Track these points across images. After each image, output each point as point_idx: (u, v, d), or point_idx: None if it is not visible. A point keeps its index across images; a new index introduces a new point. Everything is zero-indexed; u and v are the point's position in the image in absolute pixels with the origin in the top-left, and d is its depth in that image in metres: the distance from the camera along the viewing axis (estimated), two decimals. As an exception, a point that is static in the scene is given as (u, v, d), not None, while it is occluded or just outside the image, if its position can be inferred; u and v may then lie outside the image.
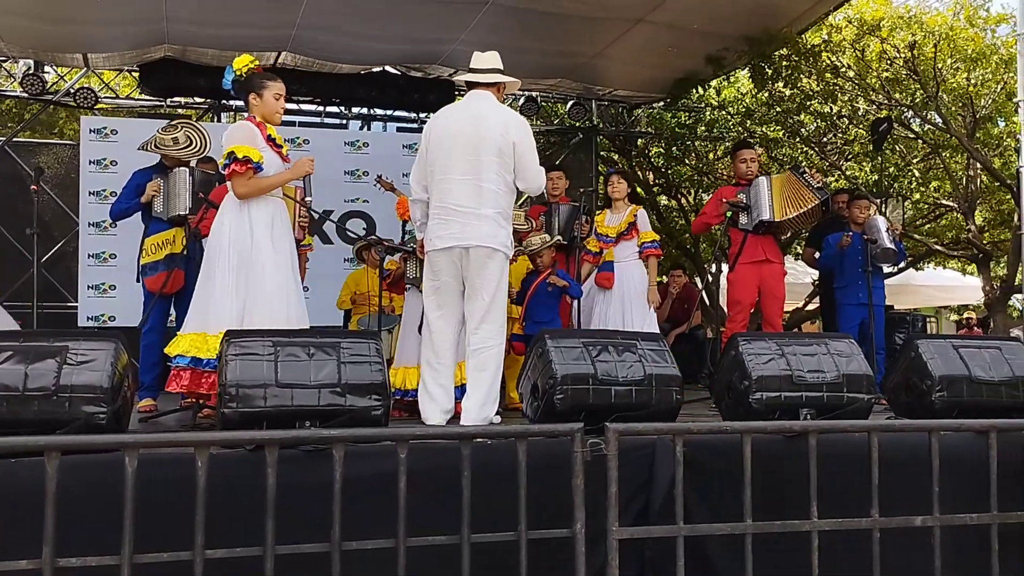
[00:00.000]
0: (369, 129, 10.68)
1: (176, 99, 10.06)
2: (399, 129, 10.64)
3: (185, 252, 5.10)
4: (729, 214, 6.01)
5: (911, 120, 10.46)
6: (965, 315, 17.03)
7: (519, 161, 4.28)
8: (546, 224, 6.22)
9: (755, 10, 8.00)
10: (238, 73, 4.29)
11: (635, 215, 6.12)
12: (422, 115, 10.46)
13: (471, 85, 4.44)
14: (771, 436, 3.59)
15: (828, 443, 3.52)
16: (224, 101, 10.01)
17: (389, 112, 10.57)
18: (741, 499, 3.16)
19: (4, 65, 9.16)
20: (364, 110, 10.47)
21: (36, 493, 2.54)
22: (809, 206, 5.88)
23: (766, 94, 9.71)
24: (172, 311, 5.33)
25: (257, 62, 4.39)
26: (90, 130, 8.92)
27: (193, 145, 5.42)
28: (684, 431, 3.22)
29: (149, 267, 5.16)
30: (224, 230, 4.18)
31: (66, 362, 3.03)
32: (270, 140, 4.27)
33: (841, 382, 3.78)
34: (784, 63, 8.98)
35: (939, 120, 9.85)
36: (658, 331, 5.66)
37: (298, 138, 9.40)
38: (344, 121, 10.48)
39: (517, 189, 4.42)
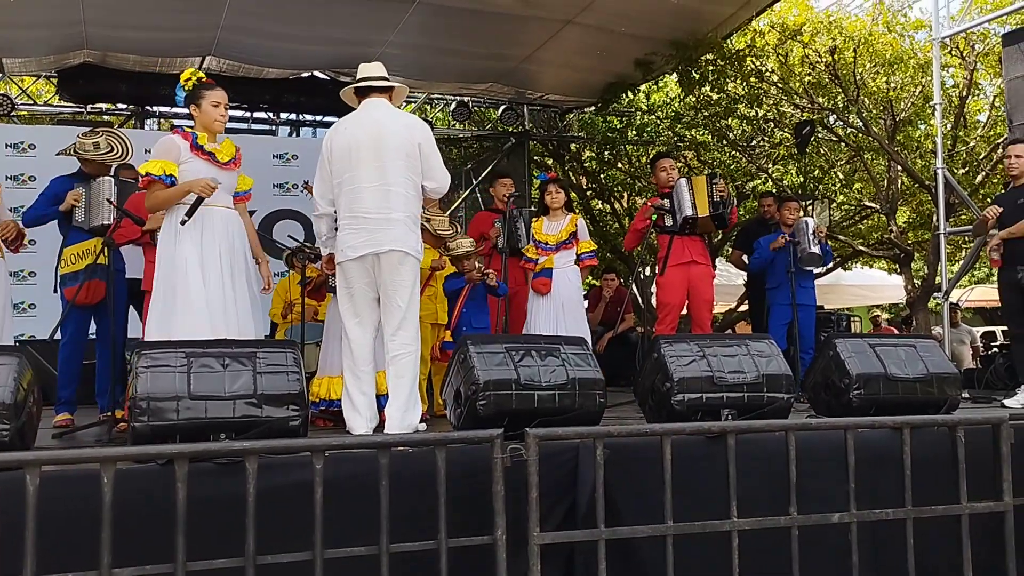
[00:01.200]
0: (298, 135, 10.55)
1: (97, 105, 9.80)
2: (329, 134, 10.53)
3: (106, 263, 4.95)
4: (654, 217, 6.08)
5: (834, 123, 10.69)
6: (873, 314, 17.37)
7: (426, 162, 4.30)
8: (507, 230, 6.20)
9: (680, 14, 8.11)
10: (185, 87, 4.23)
11: (576, 224, 6.16)
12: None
13: (362, 94, 4.42)
14: (692, 437, 3.61)
15: (748, 443, 3.59)
16: (148, 107, 9.81)
17: (319, 118, 10.45)
18: (659, 502, 3.19)
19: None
20: (293, 116, 10.33)
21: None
22: (707, 213, 6.06)
23: (694, 98, 9.83)
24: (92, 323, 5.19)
25: (201, 74, 4.30)
26: (6, 144, 8.63)
27: (115, 151, 5.29)
28: (604, 434, 3.22)
29: (69, 277, 5.00)
30: (172, 243, 4.13)
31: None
32: (197, 148, 4.18)
33: (761, 382, 3.82)
34: (710, 68, 9.12)
35: (861, 123, 10.08)
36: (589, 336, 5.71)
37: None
38: (273, 127, 10.34)
39: (423, 192, 4.40)
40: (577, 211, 7.29)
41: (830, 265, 10.57)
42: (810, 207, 10.18)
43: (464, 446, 3.33)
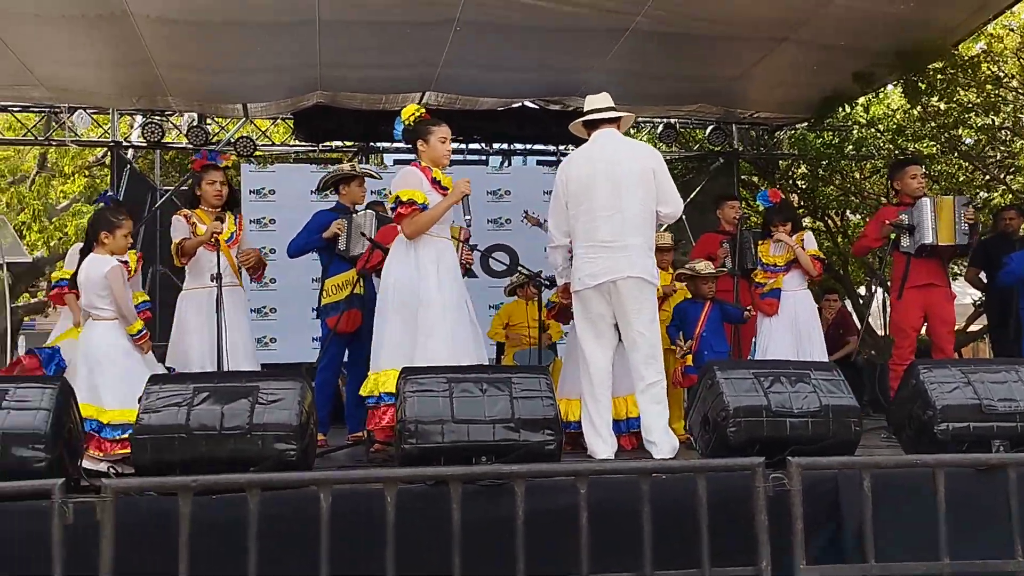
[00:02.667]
0: (510, 164, 10.82)
1: (327, 143, 10.48)
2: (539, 162, 10.75)
3: (363, 292, 5.28)
4: (892, 236, 5.78)
5: (1082, 129, 9.84)
6: None
7: (660, 187, 4.38)
8: (735, 252, 6.13)
9: (905, 24, 7.68)
10: (407, 122, 4.47)
11: (803, 238, 5.90)
12: (561, 148, 10.55)
13: (591, 126, 4.50)
14: (962, 469, 3.40)
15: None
16: (372, 143, 10.37)
17: (529, 146, 10.68)
18: (932, 536, 3.02)
19: (171, 119, 9.78)
20: (504, 145, 10.61)
21: (233, 529, 2.67)
22: (951, 244, 5.69)
23: (919, 109, 9.32)
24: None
25: (423, 110, 4.55)
26: (250, 191, 9.31)
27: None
28: (872, 465, 3.10)
29: (331, 307, 5.33)
30: (393, 271, 4.35)
31: (258, 401, 3.18)
32: (435, 183, 4.40)
33: (1037, 412, 3.56)
34: (939, 76, 8.60)
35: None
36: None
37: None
38: (485, 157, 10.66)
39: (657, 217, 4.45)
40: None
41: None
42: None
43: (718, 473, 3.29)
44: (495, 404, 3.33)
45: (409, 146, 4.64)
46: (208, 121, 9.83)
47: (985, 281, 7.32)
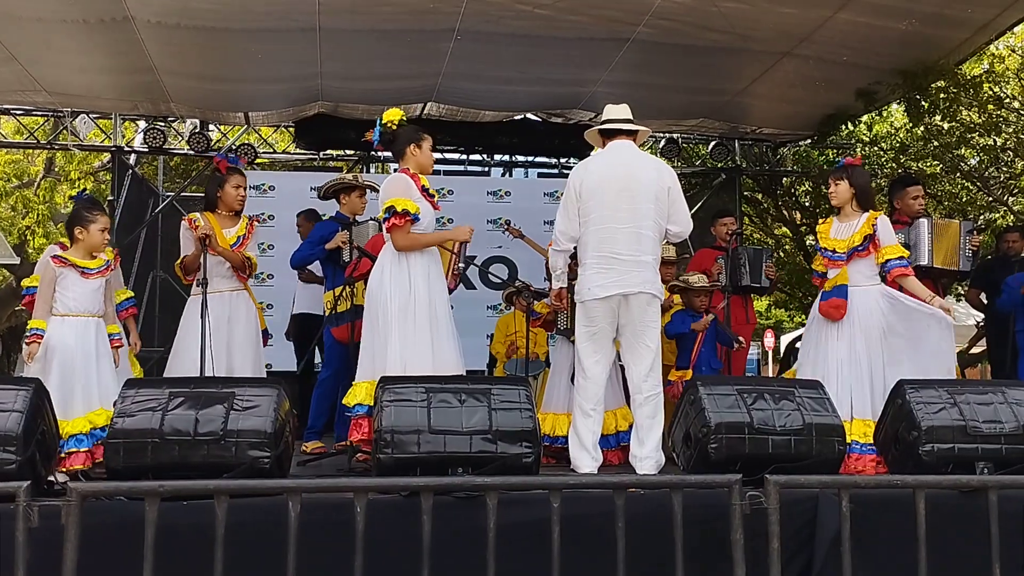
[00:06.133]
0: (511, 176, 10.83)
1: (328, 152, 10.50)
2: (540, 175, 10.76)
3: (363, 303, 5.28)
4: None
5: (1084, 150, 9.79)
6: None
7: (673, 205, 4.38)
8: (729, 268, 6.08)
9: (908, 41, 7.67)
10: (389, 126, 4.42)
11: (873, 224, 4.74)
12: (563, 160, 10.56)
13: (609, 135, 4.48)
14: (945, 491, 3.36)
15: (1008, 500, 3.30)
16: (373, 152, 10.38)
17: (530, 158, 10.69)
18: (911, 559, 2.97)
19: (173, 125, 9.81)
20: (506, 157, 10.62)
21: (204, 535, 2.65)
22: (950, 267, 5.58)
23: (922, 128, 9.29)
24: None
25: (402, 114, 4.53)
26: (250, 186, 9.35)
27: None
28: (851, 484, 3.06)
29: (334, 318, 5.33)
30: (385, 281, 4.29)
31: (233, 407, 3.16)
32: (423, 190, 4.38)
33: (1022, 434, 3.52)
34: (942, 95, 8.57)
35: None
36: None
37: (443, 188, 9.60)
38: (486, 168, 10.67)
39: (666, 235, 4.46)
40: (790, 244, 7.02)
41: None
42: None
43: (697, 490, 3.26)
44: (473, 415, 3.31)
45: (388, 149, 4.62)
46: (210, 127, 9.86)
47: (985, 302, 7.27)
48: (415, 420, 3.25)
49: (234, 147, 9.81)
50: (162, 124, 9.46)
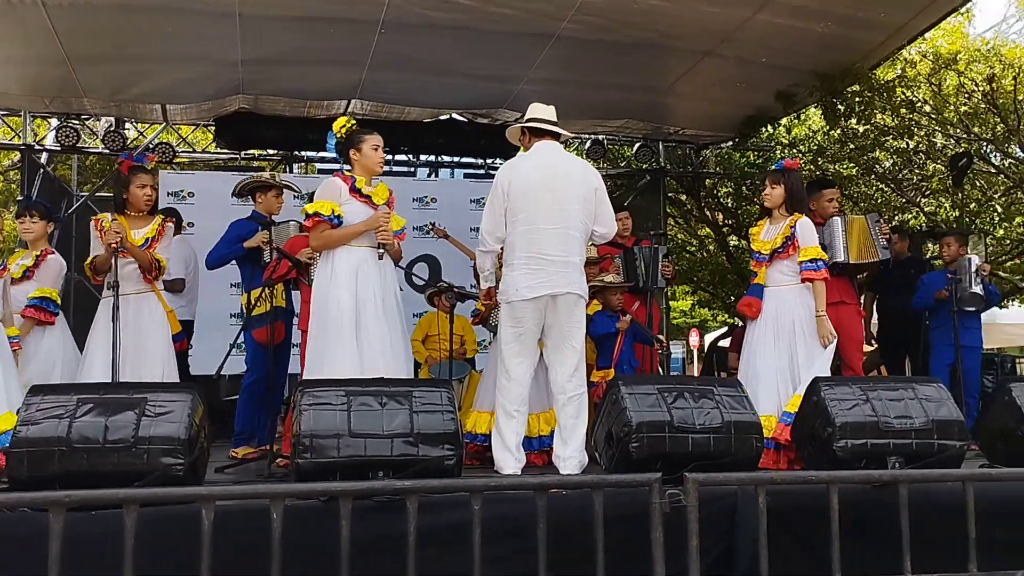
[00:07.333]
0: (437, 176, 10.77)
1: (249, 151, 10.30)
2: (466, 175, 10.74)
3: (284, 304, 5.20)
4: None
5: (991, 154, 10.16)
6: None
7: (599, 207, 4.41)
8: (624, 266, 6.12)
9: (826, 44, 7.86)
10: (339, 135, 4.39)
11: (793, 226, 4.87)
12: (489, 161, 10.56)
13: (538, 135, 4.47)
14: (856, 485, 3.44)
15: (917, 493, 3.39)
16: (295, 152, 10.23)
17: (456, 159, 10.66)
18: (827, 552, 3.03)
19: (87, 123, 9.50)
20: (432, 157, 10.56)
21: (115, 544, 2.56)
22: (869, 260, 5.73)
23: (838, 131, 9.53)
24: None
25: (353, 120, 4.48)
26: (168, 193, 9.10)
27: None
28: (767, 481, 3.11)
29: (256, 319, 5.20)
30: (317, 284, 4.31)
31: (145, 414, 3.06)
32: (355, 191, 4.33)
33: (931, 428, 3.63)
34: (857, 99, 8.80)
35: (1021, 154, 9.55)
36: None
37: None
38: (412, 169, 10.60)
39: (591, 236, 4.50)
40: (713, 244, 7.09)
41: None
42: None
43: (619, 489, 3.28)
44: (394, 418, 3.27)
45: (341, 158, 4.58)
46: (127, 126, 9.57)
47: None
48: (335, 424, 3.20)
49: (152, 145, 9.54)
50: (76, 122, 9.16)
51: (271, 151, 10.38)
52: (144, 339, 4.63)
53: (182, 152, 10.05)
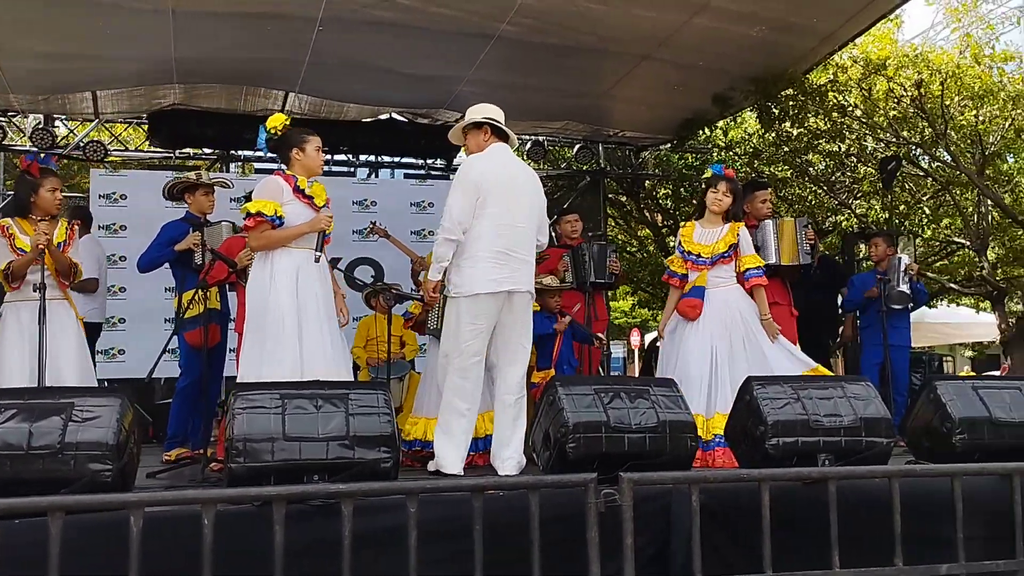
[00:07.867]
0: (377, 176, 10.70)
1: (185, 150, 10.11)
2: (406, 175, 10.69)
3: (219, 306, 5.13)
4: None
5: (920, 158, 10.45)
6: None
7: (541, 217, 4.50)
8: (573, 265, 6.17)
9: (759, 49, 8.02)
10: (273, 131, 4.31)
11: (737, 234, 5.07)
12: (429, 161, 10.53)
13: (496, 134, 4.46)
14: (790, 483, 3.51)
15: (847, 489, 3.47)
16: (232, 151, 10.06)
17: (396, 159, 10.60)
18: (760, 549, 3.09)
19: (15, 120, 9.23)
20: (372, 157, 10.48)
21: (39, 554, 2.49)
22: (795, 264, 5.84)
23: (773, 134, 9.71)
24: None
25: (289, 120, 4.40)
26: (99, 195, 8.88)
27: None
28: (700, 479, 3.15)
29: (189, 322, 5.11)
30: (250, 282, 4.25)
31: (72, 419, 2.99)
32: (298, 191, 4.26)
33: (859, 426, 3.70)
34: (791, 103, 8.99)
35: (948, 157, 9.83)
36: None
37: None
38: (352, 169, 10.51)
39: None
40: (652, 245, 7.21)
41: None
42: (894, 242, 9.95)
43: (556, 490, 3.29)
44: (329, 421, 3.23)
45: (274, 155, 4.50)
46: (56, 123, 9.32)
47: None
48: (269, 427, 3.15)
49: (82, 144, 9.30)
50: (2, 119, 8.89)
51: (207, 150, 10.19)
52: (60, 345, 4.48)
53: (115, 151, 9.82)
